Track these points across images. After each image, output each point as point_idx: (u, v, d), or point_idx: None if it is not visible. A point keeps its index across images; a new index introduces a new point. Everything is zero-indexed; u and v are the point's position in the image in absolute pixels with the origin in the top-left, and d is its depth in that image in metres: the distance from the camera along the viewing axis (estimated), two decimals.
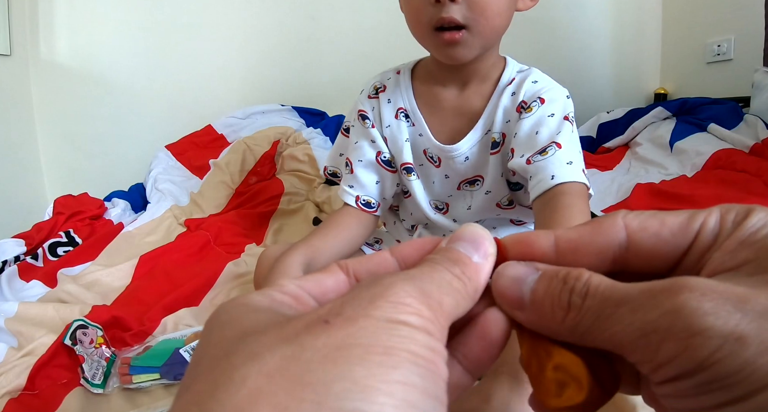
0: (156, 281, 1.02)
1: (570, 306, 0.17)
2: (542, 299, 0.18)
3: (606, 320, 0.16)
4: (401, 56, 0.88)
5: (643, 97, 2.13)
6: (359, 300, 0.15)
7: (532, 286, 0.18)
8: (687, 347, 0.14)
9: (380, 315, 0.15)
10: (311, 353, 0.14)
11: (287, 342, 0.14)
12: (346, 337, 0.14)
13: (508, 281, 0.19)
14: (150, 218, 1.37)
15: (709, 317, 0.14)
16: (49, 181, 1.82)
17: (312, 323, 0.15)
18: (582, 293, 0.17)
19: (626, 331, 0.16)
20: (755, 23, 1.69)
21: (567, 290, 0.17)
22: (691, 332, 0.14)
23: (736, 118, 1.52)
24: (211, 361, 0.15)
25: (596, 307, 0.17)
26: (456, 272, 0.18)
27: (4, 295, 1.00)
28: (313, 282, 0.19)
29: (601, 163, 1.52)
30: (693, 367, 0.14)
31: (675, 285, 0.15)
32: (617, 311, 0.16)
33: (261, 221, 1.36)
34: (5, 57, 1.65)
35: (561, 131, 0.67)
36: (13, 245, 1.14)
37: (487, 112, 0.74)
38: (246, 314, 0.17)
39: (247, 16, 1.87)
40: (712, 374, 0.14)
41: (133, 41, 1.83)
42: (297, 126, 1.74)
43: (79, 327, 0.78)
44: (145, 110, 1.86)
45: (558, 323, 0.17)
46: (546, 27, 1.97)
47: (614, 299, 0.16)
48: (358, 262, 0.20)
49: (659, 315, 0.15)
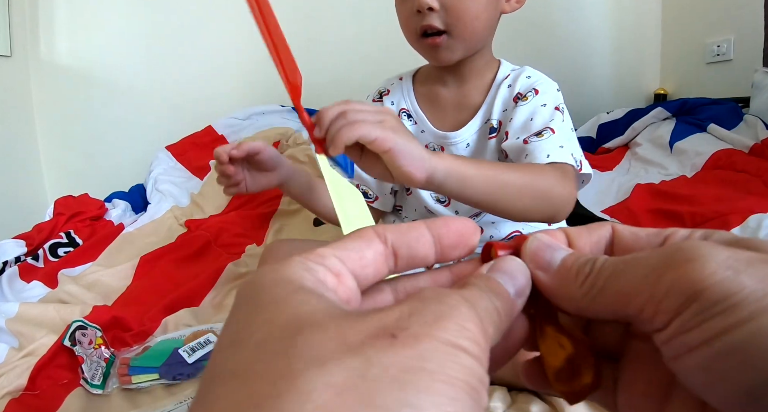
0: (156, 282, 1.03)
1: (590, 272, 0.19)
2: (570, 266, 0.19)
3: (616, 277, 0.18)
4: (400, 57, 0.90)
5: (643, 98, 2.13)
6: (425, 316, 0.15)
7: (564, 256, 0.20)
8: (684, 273, 0.16)
9: (445, 338, 0.15)
10: (379, 371, 0.13)
11: (353, 353, 0.14)
12: (414, 358, 0.14)
13: (543, 245, 0.20)
14: (150, 218, 1.37)
15: (703, 249, 0.16)
16: (50, 182, 1.82)
17: (378, 334, 0.14)
18: (602, 262, 0.19)
19: (632, 279, 0.17)
20: (755, 23, 1.69)
21: (591, 261, 0.19)
22: (688, 258, 0.16)
23: (735, 119, 1.52)
24: (264, 351, 0.14)
25: (610, 268, 0.18)
26: (498, 305, 0.18)
27: (5, 295, 1.00)
28: (353, 253, 0.18)
29: (600, 163, 1.52)
30: (692, 292, 0.15)
31: (675, 242, 0.17)
32: (627, 266, 0.18)
33: (261, 222, 1.36)
34: (5, 58, 1.65)
35: (554, 119, 0.73)
36: (13, 246, 1.15)
37: (486, 104, 0.79)
38: (294, 294, 0.16)
39: (247, 17, 1.87)
40: (709, 297, 0.15)
41: (134, 42, 1.83)
42: (297, 127, 1.74)
43: (78, 328, 0.78)
44: (146, 111, 1.86)
45: (576, 286, 0.19)
46: (546, 28, 1.97)
47: (625, 260, 0.18)
48: (396, 231, 0.20)
49: (659, 257, 0.17)
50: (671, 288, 0.16)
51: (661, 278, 0.16)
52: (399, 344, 0.14)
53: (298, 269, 0.17)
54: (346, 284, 0.18)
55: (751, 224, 0.87)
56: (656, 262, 0.17)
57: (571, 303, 0.19)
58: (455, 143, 0.81)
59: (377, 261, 0.19)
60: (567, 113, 0.77)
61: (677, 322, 0.16)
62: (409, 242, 0.20)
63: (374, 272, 0.19)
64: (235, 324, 0.16)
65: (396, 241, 0.19)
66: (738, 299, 0.15)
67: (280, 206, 1.42)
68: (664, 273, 0.16)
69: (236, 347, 0.15)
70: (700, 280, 0.15)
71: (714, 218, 0.95)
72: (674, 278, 0.16)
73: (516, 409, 0.58)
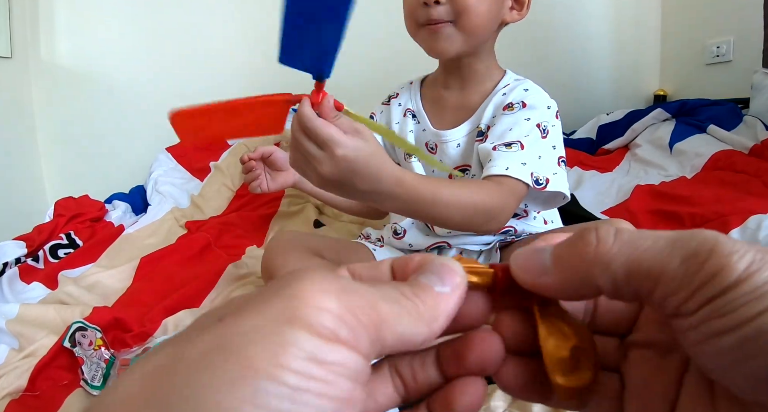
0: (156, 283, 1.02)
1: (599, 239, 0.17)
2: (567, 254, 0.18)
3: (641, 252, 0.16)
4: (401, 58, 0.91)
5: (643, 99, 2.14)
6: (264, 293, 0.14)
7: (551, 251, 0.19)
8: (726, 262, 0.15)
9: (273, 314, 0.13)
10: (182, 358, 0.13)
11: (179, 339, 0.14)
12: (221, 338, 0.13)
13: (527, 254, 0.19)
14: (151, 220, 1.37)
15: (731, 242, 0.16)
16: (50, 184, 1.82)
17: (211, 320, 0.14)
18: (609, 231, 0.17)
19: (663, 258, 0.16)
20: (754, 24, 1.70)
21: (592, 232, 0.18)
22: (728, 252, 0.15)
23: (735, 120, 1.52)
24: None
25: (627, 241, 0.17)
26: (406, 291, 0.17)
27: (5, 297, 1.00)
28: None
29: (600, 164, 1.52)
30: (729, 283, 0.15)
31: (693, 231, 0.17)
32: (653, 243, 0.17)
33: (261, 223, 1.36)
34: (6, 59, 1.65)
35: (529, 135, 0.75)
36: (13, 247, 1.15)
37: (480, 109, 0.82)
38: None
39: (247, 19, 1.88)
40: (743, 288, 0.15)
41: (134, 43, 1.83)
42: None
43: (78, 329, 0.78)
44: (146, 112, 1.86)
45: (588, 264, 0.17)
46: (546, 29, 1.98)
47: (645, 236, 0.17)
48: (365, 269, 0.20)
49: (692, 243, 0.16)
50: (713, 278, 0.15)
51: (702, 267, 0.16)
52: (218, 326, 0.13)
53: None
54: None
55: (751, 225, 0.88)
56: (695, 249, 0.16)
57: (586, 289, 0.18)
58: (447, 142, 0.84)
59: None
60: (554, 133, 0.79)
61: (707, 309, 0.16)
62: (373, 277, 0.20)
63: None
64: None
65: (363, 276, 0.20)
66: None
67: (280, 208, 1.42)
68: (706, 263, 0.16)
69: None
70: (739, 271, 0.15)
71: (714, 219, 0.95)
72: (716, 269, 0.15)
73: (517, 408, 0.58)
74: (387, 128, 0.78)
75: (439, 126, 0.86)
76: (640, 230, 0.17)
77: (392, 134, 0.72)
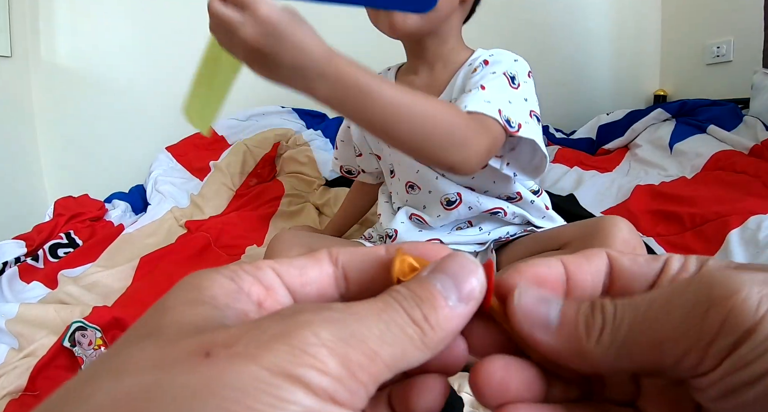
0: (156, 283, 1.02)
1: (604, 323, 0.16)
2: (574, 320, 0.17)
3: (646, 325, 0.15)
4: (396, 57, 0.91)
5: (643, 99, 2.14)
6: (263, 334, 0.13)
7: (560, 308, 0.17)
8: (732, 309, 0.14)
9: (270, 362, 0.12)
10: (163, 390, 0.12)
11: (156, 369, 0.13)
12: (212, 380, 0.12)
13: (534, 300, 0.17)
14: (150, 219, 1.37)
15: (740, 277, 0.14)
16: (50, 183, 1.82)
17: (194, 352, 0.13)
18: (611, 309, 0.16)
19: (668, 325, 0.15)
20: (755, 25, 1.70)
21: (599, 309, 0.17)
22: (730, 292, 0.14)
23: (735, 120, 1.52)
24: (103, 355, 0.14)
25: (629, 315, 0.16)
26: (416, 316, 0.15)
27: (5, 296, 1.00)
28: (295, 269, 0.17)
29: (600, 164, 1.52)
30: (743, 330, 0.14)
31: (698, 273, 0.16)
32: (656, 313, 0.15)
33: (261, 223, 1.36)
34: (6, 58, 1.65)
35: (494, 80, 0.71)
36: (13, 247, 1.15)
37: (449, 85, 0.81)
38: (187, 303, 0.15)
39: None
40: (761, 332, 0.14)
41: (134, 43, 1.83)
42: (297, 128, 1.74)
43: (78, 329, 0.78)
44: (146, 112, 1.86)
45: (592, 344, 0.16)
46: (546, 29, 1.98)
47: (646, 301, 0.16)
48: (349, 253, 0.18)
49: (694, 294, 0.15)
50: (721, 329, 0.14)
51: (705, 320, 0.14)
52: (204, 363, 0.12)
53: (222, 276, 0.16)
54: (276, 298, 0.17)
55: (751, 225, 0.87)
56: (693, 302, 0.15)
57: (586, 362, 0.16)
58: None
59: (322, 281, 0.18)
60: (526, 88, 0.75)
61: (727, 363, 0.14)
62: (362, 266, 0.18)
63: (317, 292, 0.18)
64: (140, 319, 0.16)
65: (347, 261, 0.18)
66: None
67: (280, 207, 1.42)
68: (708, 313, 0.14)
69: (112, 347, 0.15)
70: (750, 315, 0.14)
71: (714, 219, 0.95)
72: (722, 318, 0.14)
73: None
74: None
75: None
76: (631, 299, 0.16)
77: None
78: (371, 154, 1.00)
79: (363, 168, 1.04)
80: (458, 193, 0.83)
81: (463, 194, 0.83)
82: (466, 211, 0.84)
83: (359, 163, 1.04)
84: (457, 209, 0.84)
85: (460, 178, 0.84)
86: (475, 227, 0.87)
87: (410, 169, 0.87)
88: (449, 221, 0.86)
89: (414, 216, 0.89)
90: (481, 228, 0.87)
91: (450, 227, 0.88)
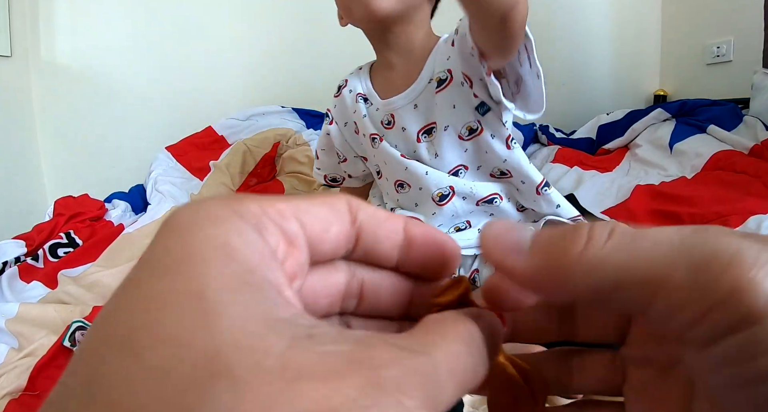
0: None
1: (590, 237, 0.14)
2: (549, 243, 0.15)
3: (639, 251, 0.14)
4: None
5: (643, 99, 2.13)
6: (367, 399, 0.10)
7: (534, 232, 0.16)
8: (752, 279, 0.12)
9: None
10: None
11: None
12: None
13: (504, 225, 0.16)
14: (150, 219, 1.37)
15: (763, 252, 0.12)
16: (50, 183, 1.82)
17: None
18: (606, 229, 0.15)
19: (667, 262, 0.13)
20: (755, 25, 1.69)
21: (584, 227, 0.15)
22: (753, 263, 0.12)
23: (735, 120, 1.52)
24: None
25: (624, 236, 0.14)
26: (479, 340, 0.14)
27: (5, 296, 1.00)
28: (318, 223, 0.15)
29: (600, 164, 1.52)
30: (754, 313, 0.12)
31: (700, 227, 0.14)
32: (654, 243, 0.14)
33: None
34: (6, 58, 1.65)
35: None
36: (13, 246, 1.15)
37: (427, 65, 0.82)
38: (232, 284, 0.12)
39: (247, 18, 1.88)
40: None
41: (134, 43, 1.83)
42: (297, 128, 1.74)
43: (78, 328, 0.78)
44: (146, 111, 1.86)
45: (571, 262, 0.14)
46: (546, 29, 1.97)
47: (643, 234, 0.14)
48: (369, 214, 0.16)
49: (704, 246, 0.13)
50: (729, 299, 0.12)
51: (719, 280, 0.12)
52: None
53: (250, 227, 0.13)
54: (297, 257, 0.14)
55: (751, 225, 0.88)
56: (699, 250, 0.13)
57: (565, 283, 0.14)
58: (400, 106, 0.84)
59: (339, 239, 0.16)
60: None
61: (732, 343, 0.12)
62: (377, 231, 0.16)
63: (331, 250, 0.16)
64: (122, 286, 0.12)
65: (365, 224, 0.16)
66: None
67: None
68: (724, 272, 0.12)
69: (103, 317, 0.12)
70: (764, 290, 0.12)
71: (714, 219, 0.95)
72: (731, 286, 0.12)
73: None
74: None
75: (387, 97, 0.86)
76: (639, 229, 0.15)
77: None
78: (356, 158, 0.99)
79: (349, 173, 1.03)
80: (450, 186, 0.83)
81: (456, 186, 0.82)
82: (460, 203, 0.84)
83: (344, 169, 1.03)
84: (450, 202, 0.83)
85: (454, 157, 0.83)
86: (473, 228, 0.86)
87: (398, 167, 0.86)
88: (445, 218, 0.85)
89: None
90: (479, 230, 0.86)
91: (447, 227, 0.87)
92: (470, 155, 0.84)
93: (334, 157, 1.02)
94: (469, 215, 0.86)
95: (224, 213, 0.13)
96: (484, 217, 0.86)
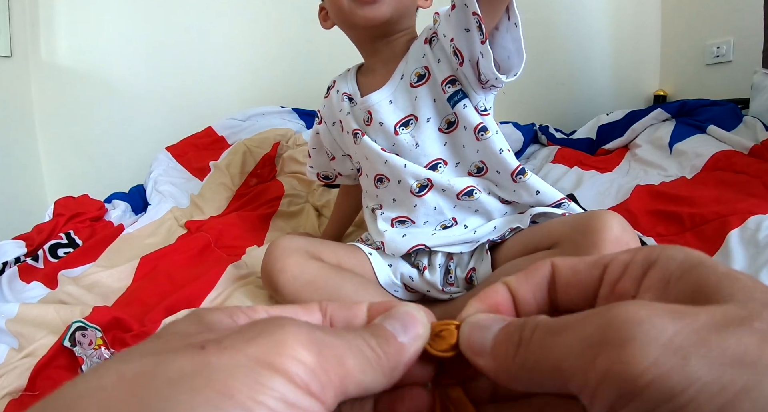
0: (157, 283, 1.02)
1: (521, 341, 0.17)
2: (501, 343, 0.18)
3: (550, 347, 0.16)
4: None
5: (643, 99, 2.14)
6: (246, 332, 0.15)
7: (495, 333, 0.18)
8: (619, 360, 0.13)
9: (254, 354, 0.14)
10: (164, 370, 0.14)
11: (157, 355, 0.14)
12: (204, 366, 0.14)
13: (475, 328, 0.19)
14: (150, 219, 1.37)
15: (644, 324, 0.13)
16: (50, 183, 1.82)
17: (191, 345, 0.15)
18: (532, 327, 0.17)
19: (566, 352, 0.15)
20: (754, 25, 1.70)
21: (520, 328, 0.18)
22: (624, 339, 0.13)
23: (735, 120, 1.52)
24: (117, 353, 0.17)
25: (541, 336, 0.16)
26: (372, 343, 0.17)
27: (5, 296, 1.00)
28: (288, 314, 0.19)
29: (600, 164, 1.52)
30: (629, 389, 0.13)
31: (611, 304, 0.15)
32: (560, 336, 0.16)
33: (261, 223, 1.36)
34: (6, 58, 1.65)
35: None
36: (13, 247, 1.15)
37: (402, 63, 0.87)
38: (188, 323, 0.17)
39: (247, 18, 1.88)
40: (651, 397, 0.12)
41: (134, 43, 1.83)
42: (297, 128, 1.74)
43: (78, 329, 0.78)
44: (146, 112, 1.86)
45: (510, 360, 0.17)
46: (545, 29, 1.98)
47: (558, 326, 0.16)
48: (337, 308, 0.21)
49: (594, 328, 0.14)
50: (605, 378, 0.13)
51: (595, 361, 0.14)
52: (200, 353, 0.14)
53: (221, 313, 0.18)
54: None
55: (751, 226, 0.87)
56: (589, 334, 0.14)
57: (513, 381, 0.17)
58: (376, 102, 0.87)
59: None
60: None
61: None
62: (345, 316, 0.20)
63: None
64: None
65: (335, 314, 0.20)
66: (688, 398, 0.12)
67: (280, 208, 1.42)
68: (598, 354, 0.14)
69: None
70: (639, 373, 0.13)
71: (713, 219, 0.95)
72: (608, 366, 0.13)
73: None
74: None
75: (367, 94, 0.89)
76: (559, 320, 0.16)
77: None
78: (344, 156, 1.04)
79: (339, 171, 1.09)
80: (428, 179, 0.85)
81: (433, 179, 0.85)
82: (441, 195, 0.85)
83: (334, 167, 1.09)
84: (429, 193, 0.85)
85: (434, 148, 0.86)
86: (459, 225, 0.86)
87: (378, 160, 0.88)
88: (428, 211, 0.86)
89: (394, 221, 0.90)
90: (466, 226, 0.86)
91: (434, 225, 0.87)
92: (449, 150, 0.86)
93: (324, 156, 1.08)
94: (454, 211, 0.87)
95: (205, 309, 0.19)
96: (469, 213, 0.87)
